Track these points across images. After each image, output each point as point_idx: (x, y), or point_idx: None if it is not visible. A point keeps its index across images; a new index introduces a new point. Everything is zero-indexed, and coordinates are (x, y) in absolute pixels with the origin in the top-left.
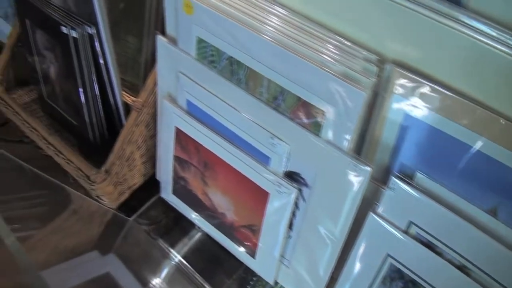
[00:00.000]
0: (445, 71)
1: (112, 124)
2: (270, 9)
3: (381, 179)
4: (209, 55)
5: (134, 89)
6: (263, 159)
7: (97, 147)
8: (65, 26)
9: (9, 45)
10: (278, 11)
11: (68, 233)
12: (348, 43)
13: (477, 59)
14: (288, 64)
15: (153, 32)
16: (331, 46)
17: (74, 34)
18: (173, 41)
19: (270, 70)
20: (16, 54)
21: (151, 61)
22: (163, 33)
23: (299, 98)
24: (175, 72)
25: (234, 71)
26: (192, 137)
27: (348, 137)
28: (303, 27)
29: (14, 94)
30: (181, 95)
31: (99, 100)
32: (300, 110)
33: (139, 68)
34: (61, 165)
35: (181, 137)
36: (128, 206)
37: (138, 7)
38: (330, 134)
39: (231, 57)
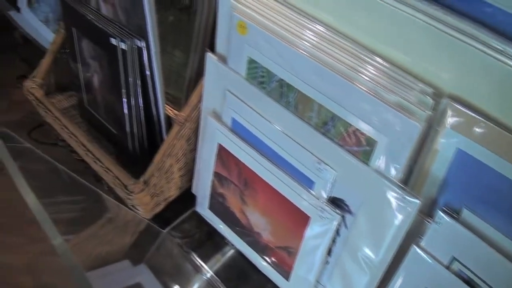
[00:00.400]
0: (501, 109)
1: (152, 136)
2: (326, 35)
3: (426, 211)
4: (259, 76)
5: (176, 103)
6: (306, 183)
7: (135, 157)
8: (115, 38)
9: (52, 51)
10: (334, 38)
11: (102, 240)
12: (404, 74)
13: None
14: (342, 90)
15: (201, 48)
16: (386, 76)
17: (123, 46)
18: (223, 59)
19: (322, 95)
20: (58, 60)
21: (196, 76)
22: (211, 49)
23: (350, 125)
24: (223, 90)
25: (284, 93)
26: (235, 155)
27: (398, 167)
28: (358, 55)
29: (53, 99)
30: (226, 112)
31: (142, 112)
32: (350, 137)
33: (183, 82)
34: (97, 172)
35: (223, 154)
36: (162, 218)
37: (188, 22)
38: (379, 163)
39: (282, 79)
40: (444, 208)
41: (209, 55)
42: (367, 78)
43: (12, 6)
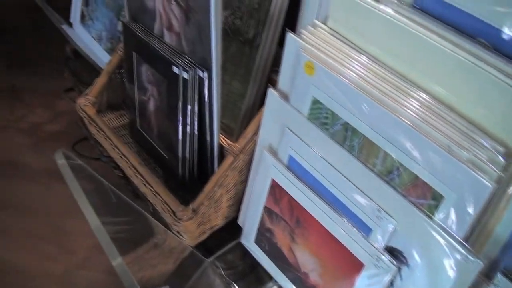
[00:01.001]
0: None
1: (202, 163)
2: (397, 83)
3: (485, 271)
4: (322, 117)
5: (229, 132)
6: (363, 229)
7: (184, 183)
8: (177, 67)
9: (107, 71)
10: (406, 86)
11: (146, 265)
12: (478, 130)
13: None
14: (411, 141)
15: (260, 81)
16: (459, 131)
17: (185, 75)
18: (285, 96)
19: (389, 144)
20: (112, 79)
21: (252, 108)
22: (269, 82)
23: (416, 177)
24: (282, 126)
25: (348, 137)
26: (289, 193)
27: (463, 225)
28: (431, 107)
29: (105, 117)
30: (283, 149)
31: (196, 139)
32: (415, 189)
33: (239, 113)
34: (145, 195)
35: (276, 190)
36: (206, 246)
37: (249, 55)
38: (444, 219)
39: (347, 123)
40: (504, 271)
41: (271, 91)
42: (439, 132)
43: (64, 21)
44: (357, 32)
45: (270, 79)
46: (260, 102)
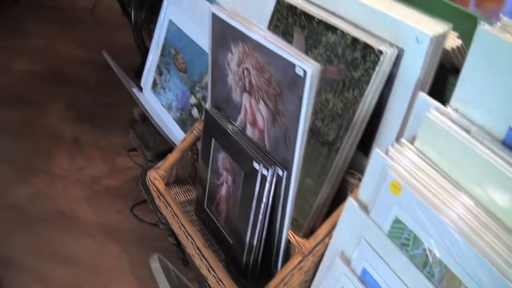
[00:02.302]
0: None
1: (267, 255)
2: (485, 220)
3: None
4: (403, 237)
5: (296, 227)
6: None
7: (246, 271)
8: (258, 163)
9: (180, 148)
10: (491, 223)
11: None
12: None
13: None
14: (495, 284)
15: (334, 182)
16: None
17: (264, 172)
18: (364, 206)
19: (473, 282)
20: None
21: (322, 207)
22: (342, 182)
23: None
24: (358, 237)
25: (429, 264)
26: None
27: None
28: None
29: (172, 191)
30: (358, 260)
31: (265, 231)
32: None
33: (309, 209)
34: (206, 277)
35: None
36: None
37: (326, 156)
38: None
39: (430, 250)
40: None
41: (351, 201)
42: None
43: (135, 84)
44: (445, 159)
45: (343, 180)
46: (331, 202)
